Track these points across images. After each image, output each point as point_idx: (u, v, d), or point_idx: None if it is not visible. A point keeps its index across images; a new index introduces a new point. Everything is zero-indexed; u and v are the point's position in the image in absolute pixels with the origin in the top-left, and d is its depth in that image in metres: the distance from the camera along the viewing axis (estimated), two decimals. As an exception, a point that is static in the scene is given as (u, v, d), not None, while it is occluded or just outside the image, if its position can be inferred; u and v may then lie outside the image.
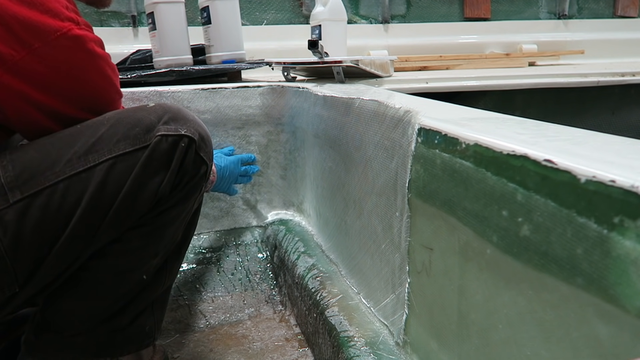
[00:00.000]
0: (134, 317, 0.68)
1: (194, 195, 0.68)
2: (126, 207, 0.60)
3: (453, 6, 2.14)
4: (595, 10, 2.32)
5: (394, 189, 0.65)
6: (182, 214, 0.68)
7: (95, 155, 0.58)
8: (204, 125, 0.68)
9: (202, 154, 0.65)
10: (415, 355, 0.62)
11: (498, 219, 0.42)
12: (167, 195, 0.63)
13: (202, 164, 0.66)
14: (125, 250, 0.64)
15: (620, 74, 1.42)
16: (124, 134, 0.60)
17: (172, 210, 0.65)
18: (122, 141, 0.60)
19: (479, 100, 1.45)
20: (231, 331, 0.97)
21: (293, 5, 1.94)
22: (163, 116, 0.63)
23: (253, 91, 1.16)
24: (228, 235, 1.19)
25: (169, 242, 0.68)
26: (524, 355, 0.41)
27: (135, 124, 0.61)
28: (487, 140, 0.45)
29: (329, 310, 0.78)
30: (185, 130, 0.63)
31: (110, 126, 0.60)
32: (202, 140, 0.65)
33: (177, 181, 0.64)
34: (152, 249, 0.66)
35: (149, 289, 0.69)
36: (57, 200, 0.57)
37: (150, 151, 0.60)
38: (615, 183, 0.31)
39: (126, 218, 0.61)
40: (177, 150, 0.62)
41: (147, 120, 0.62)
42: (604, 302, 0.32)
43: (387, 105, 0.68)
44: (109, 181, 0.59)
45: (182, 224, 0.70)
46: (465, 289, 0.49)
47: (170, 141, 0.61)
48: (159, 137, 0.61)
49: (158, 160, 0.61)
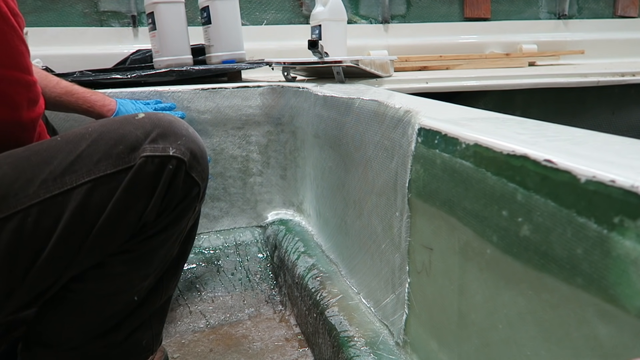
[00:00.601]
0: (129, 333, 0.66)
1: (185, 217, 0.63)
2: (106, 234, 0.56)
3: (453, 6, 2.14)
4: (595, 10, 2.32)
5: (394, 189, 0.65)
6: (173, 237, 0.64)
7: (73, 176, 0.54)
8: (199, 140, 0.63)
9: (195, 174, 0.61)
10: (415, 355, 0.62)
11: (498, 219, 0.42)
12: (153, 221, 0.59)
13: (193, 185, 0.61)
14: (109, 275, 0.60)
15: (620, 74, 1.42)
16: (106, 153, 0.55)
17: (160, 235, 0.61)
18: (103, 161, 0.55)
19: (479, 100, 1.45)
20: (231, 331, 0.97)
21: (293, 5, 1.94)
22: (151, 132, 0.57)
23: (253, 91, 1.16)
24: (228, 235, 1.19)
25: (160, 264, 0.65)
26: (524, 355, 0.41)
27: (118, 140, 0.56)
28: (487, 140, 0.45)
29: (329, 310, 0.78)
30: (174, 150, 0.57)
31: (92, 142, 0.55)
32: (195, 158, 0.60)
33: (164, 206, 0.59)
34: (140, 273, 0.62)
35: (145, 306, 0.66)
36: (30, 224, 0.52)
37: (133, 174, 0.55)
38: (615, 183, 0.31)
39: (107, 245, 0.57)
40: (164, 173, 0.57)
41: (132, 137, 0.56)
42: (604, 302, 0.32)
43: (387, 105, 0.68)
44: (88, 206, 0.54)
45: (175, 244, 0.66)
46: (465, 289, 0.49)
47: (157, 163, 0.56)
48: (144, 158, 0.56)
49: (142, 184, 0.56)
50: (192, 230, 0.70)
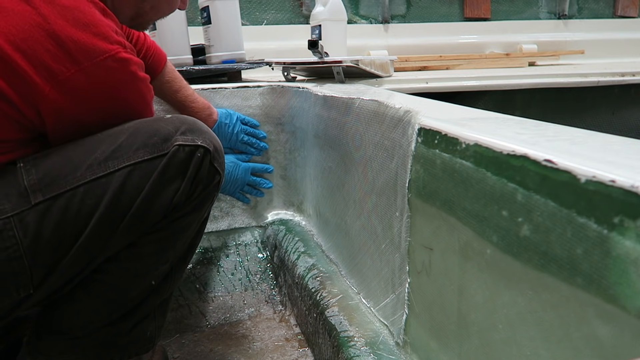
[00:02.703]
0: (136, 322, 0.69)
1: (206, 203, 0.70)
2: (143, 213, 0.62)
3: (453, 6, 2.14)
4: (595, 10, 2.32)
5: (394, 189, 0.65)
6: (195, 222, 0.70)
7: (115, 161, 0.61)
8: (217, 138, 0.70)
9: (216, 164, 0.68)
10: (415, 355, 0.62)
11: (498, 219, 0.42)
12: (183, 203, 0.65)
13: (215, 173, 0.68)
14: (140, 254, 0.66)
15: (620, 74, 1.42)
16: (143, 143, 0.62)
17: (186, 217, 0.67)
18: (141, 149, 0.62)
19: (479, 100, 1.45)
20: (231, 331, 0.97)
21: (293, 5, 1.94)
22: (180, 127, 0.65)
23: (253, 91, 1.16)
24: (228, 235, 1.19)
25: (179, 249, 0.70)
26: (524, 355, 0.41)
27: (153, 133, 0.63)
28: (487, 140, 0.45)
29: (329, 310, 0.78)
30: (201, 141, 0.65)
31: (130, 135, 0.62)
32: (217, 151, 0.68)
33: (192, 190, 0.66)
34: (164, 255, 0.68)
35: (155, 294, 0.70)
36: (76, 203, 0.59)
37: (167, 159, 0.62)
38: (615, 183, 0.31)
39: (142, 223, 0.63)
40: (193, 159, 0.64)
41: (164, 130, 0.64)
42: (604, 302, 0.32)
43: (387, 105, 0.68)
44: (127, 187, 0.61)
45: (194, 231, 0.72)
46: (465, 289, 0.49)
47: (187, 151, 0.64)
48: (177, 146, 0.63)
49: (175, 168, 0.63)
50: (204, 224, 0.75)
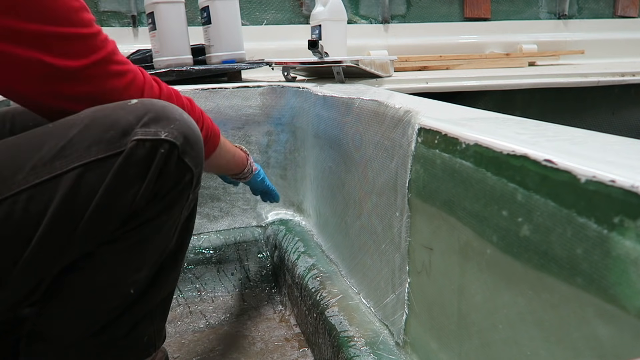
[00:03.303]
0: (130, 328, 0.65)
1: (178, 204, 0.61)
2: (97, 220, 0.55)
3: (453, 6, 2.14)
4: (595, 10, 2.32)
5: (394, 189, 0.65)
6: (166, 226, 0.62)
7: (63, 161, 0.53)
8: (193, 125, 0.61)
9: (188, 159, 0.59)
10: (415, 355, 0.62)
11: (498, 219, 0.42)
12: (144, 206, 0.57)
13: (186, 170, 0.59)
14: (101, 266, 0.59)
15: (620, 74, 1.42)
16: (97, 138, 0.54)
17: (151, 222, 0.59)
18: (94, 146, 0.53)
19: (479, 100, 1.45)
20: (231, 331, 0.97)
21: (293, 5, 1.94)
22: (143, 116, 0.56)
23: (253, 91, 1.16)
24: (228, 235, 1.19)
25: (155, 254, 0.63)
26: (524, 355, 0.41)
27: (110, 125, 0.55)
28: (487, 140, 0.45)
29: (329, 310, 0.78)
30: (166, 133, 0.56)
31: (84, 127, 0.54)
32: (188, 143, 0.58)
33: (156, 192, 0.58)
34: (134, 263, 0.61)
35: (144, 300, 0.65)
36: (18, 211, 0.51)
37: (124, 158, 0.54)
38: (615, 183, 0.31)
39: (98, 232, 0.56)
40: (155, 157, 0.55)
41: (124, 122, 0.55)
42: (604, 302, 0.32)
43: (387, 105, 0.68)
44: (78, 192, 0.53)
45: (170, 234, 0.64)
46: (465, 289, 0.49)
47: (148, 147, 0.55)
48: (135, 142, 0.54)
49: (133, 168, 0.55)
50: (189, 222, 0.69)
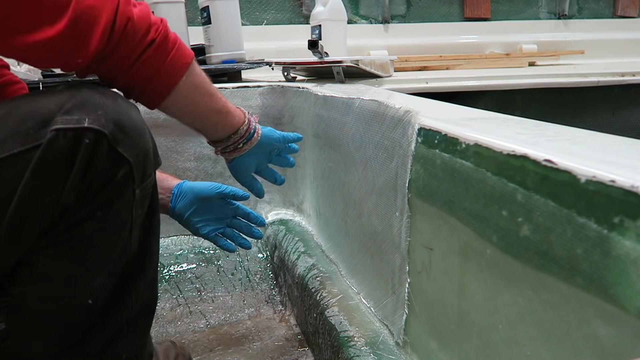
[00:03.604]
0: (105, 344, 0.60)
1: (119, 201, 0.54)
2: (20, 223, 0.49)
3: (453, 6, 2.14)
4: (595, 10, 2.32)
5: (394, 189, 0.65)
6: (111, 226, 0.55)
7: None
8: (131, 110, 0.53)
9: (122, 148, 0.51)
10: (415, 355, 0.62)
11: (498, 219, 0.42)
12: (74, 205, 0.51)
13: (122, 162, 0.51)
14: (42, 275, 0.53)
15: (620, 74, 1.42)
16: (13, 130, 0.48)
17: (88, 222, 0.52)
18: (10, 139, 0.47)
19: (479, 100, 1.45)
20: (231, 331, 0.97)
21: (293, 5, 1.94)
22: (66, 103, 0.49)
23: (253, 91, 1.16)
24: (228, 235, 1.19)
25: (107, 259, 0.56)
26: (524, 355, 0.41)
27: (28, 115, 0.48)
28: (487, 140, 0.45)
29: (329, 310, 0.78)
30: (90, 121, 0.48)
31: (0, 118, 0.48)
32: (122, 130, 0.51)
33: (86, 187, 0.50)
34: (81, 270, 0.55)
35: (115, 312, 0.59)
36: None
37: (43, 152, 0.47)
38: (615, 183, 0.31)
39: (23, 237, 0.50)
40: (80, 148, 0.48)
41: (43, 110, 0.48)
42: (604, 302, 0.32)
43: (387, 105, 0.68)
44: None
45: (121, 235, 0.56)
46: (465, 289, 0.49)
47: (70, 137, 0.48)
48: (54, 132, 0.47)
49: (54, 162, 0.48)
50: (151, 220, 0.61)
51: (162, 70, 0.55)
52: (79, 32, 0.48)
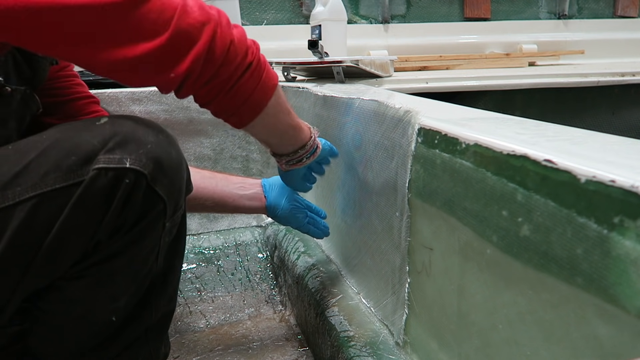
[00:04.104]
0: (122, 349, 0.61)
1: (150, 236, 0.55)
2: (54, 255, 0.50)
3: (453, 6, 2.14)
4: (595, 10, 2.32)
5: (394, 189, 0.65)
6: (138, 258, 0.56)
7: (17, 190, 0.48)
8: (170, 147, 0.54)
9: (159, 187, 0.52)
10: (415, 355, 0.62)
11: (498, 219, 0.42)
12: (106, 240, 0.52)
13: (157, 200, 0.53)
14: (70, 300, 0.56)
15: (620, 74, 1.42)
16: (56, 164, 0.48)
17: (118, 257, 0.54)
18: (52, 173, 0.48)
19: (479, 100, 1.45)
20: (231, 331, 0.97)
21: (293, 5, 1.94)
22: (109, 140, 0.50)
23: (253, 91, 1.16)
24: (228, 235, 1.19)
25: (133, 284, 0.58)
26: (524, 355, 0.41)
27: (72, 150, 0.49)
28: (487, 140, 0.45)
29: (329, 310, 0.78)
30: (132, 161, 0.50)
31: (43, 151, 0.49)
32: (161, 170, 0.52)
33: (120, 224, 0.52)
34: (107, 295, 0.57)
35: (133, 324, 0.61)
36: None
37: (84, 189, 0.49)
38: (615, 183, 0.31)
39: (56, 266, 0.52)
40: (119, 187, 0.50)
41: (87, 147, 0.49)
42: (604, 302, 0.32)
43: (387, 105, 0.68)
44: (32, 224, 0.48)
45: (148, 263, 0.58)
46: (465, 289, 0.49)
47: (111, 176, 0.49)
48: (96, 171, 0.49)
49: (94, 200, 0.49)
50: (177, 243, 0.63)
51: (255, 93, 0.56)
52: (177, 48, 0.48)
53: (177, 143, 0.56)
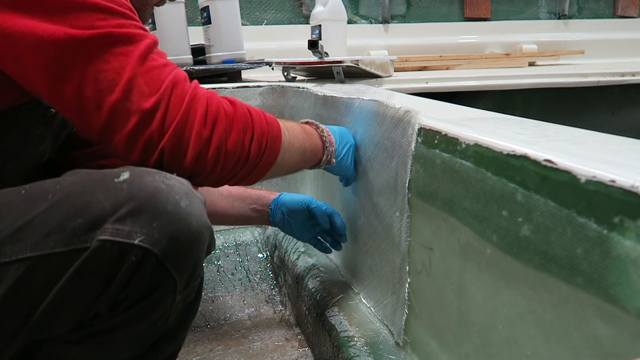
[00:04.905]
0: None
1: (155, 311, 0.50)
2: (47, 321, 0.46)
3: (453, 6, 2.14)
4: (595, 10, 2.32)
5: (394, 189, 0.65)
6: (141, 327, 0.51)
7: (15, 247, 0.44)
8: (191, 217, 0.48)
9: (171, 264, 0.47)
10: (415, 355, 0.62)
11: (498, 219, 0.42)
12: (106, 313, 0.48)
13: (167, 278, 0.48)
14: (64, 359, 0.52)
15: (620, 74, 1.42)
16: (60, 224, 0.45)
17: (118, 330, 0.50)
18: (54, 235, 0.44)
19: (479, 100, 1.45)
20: (231, 331, 0.97)
21: (293, 5, 1.94)
22: (122, 206, 0.45)
23: (253, 91, 1.16)
24: (228, 235, 1.19)
25: (136, 346, 0.54)
26: (524, 355, 0.41)
27: (80, 210, 0.45)
28: (487, 140, 0.45)
29: (329, 310, 0.78)
30: (142, 237, 0.45)
31: (51, 205, 0.45)
32: (175, 245, 0.47)
33: (122, 299, 0.48)
34: (107, 356, 0.53)
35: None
36: None
37: (85, 259, 0.45)
38: (615, 183, 0.31)
39: (49, 332, 0.48)
40: (124, 264, 0.45)
41: (97, 209, 0.45)
42: (604, 302, 0.32)
43: (387, 105, 0.68)
44: (26, 286, 0.45)
45: (154, 329, 0.53)
46: (465, 289, 0.49)
47: (116, 251, 0.45)
48: (101, 242, 0.44)
49: (94, 272, 0.45)
50: (193, 304, 0.58)
51: (259, 166, 0.58)
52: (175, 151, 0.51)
53: (201, 208, 0.51)
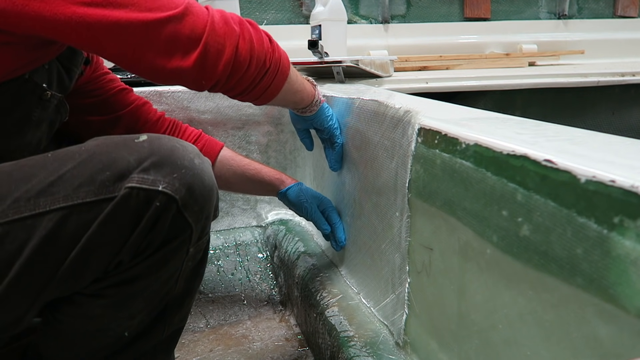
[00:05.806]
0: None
1: (172, 260, 0.55)
2: (75, 269, 0.50)
3: (453, 6, 2.14)
4: (595, 10, 2.32)
5: (394, 189, 0.65)
6: (159, 281, 0.56)
7: (49, 199, 0.48)
8: (204, 174, 0.54)
9: (189, 214, 0.53)
10: (415, 355, 0.62)
11: (498, 219, 0.42)
12: (128, 260, 0.52)
13: (185, 227, 0.53)
14: (87, 316, 0.56)
15: (620, 74, 1.42)
16: (90, 177, 0.49)
17: (139, 279, 0.54)
18: (85, 186, 0.49)
19: (479, 100, 1.45)
20: (231, 331, 0.97)
21: (293, 5, 1.94)
22: (145, 159, 0.50)
23: (253, 91, 1.16)
24: (228, 235, 1.19)
25: (151, 305, 0.58)
26: (524, 355, 0.41)
27: (107, 165, 0.50)
28: (487, 140, 0.45)
29: (329, 310, 0.78)
30: (165, 184, 0.50)
31: (79, 162, 0.50)
32: (192, 196, 0.52)
33: (145, 246, 0.52)
34: (123, 314, 0.57)
35: (144, 339, 0.61)
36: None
37: (114, 206, 0.49)
38: (615, 183, 0.31)
39: (75, 280, 0.52)
40: (149, 209, 0.50)
41: (122, 163, 0.50)
42: (604, 302, 0.32)
43: (387, 105, 0.68)
44: (58, 235, 0.48)
45: (167, 286, 0.58)
46: (465, 289, 0.49)
47: (142, 197, 0.49)
48: (128, 189, 0.49)
49: (122, 218, 0.50)
50: (199, 267, 0.63)
51: (272, 86, 0.65)
52: (206, 65, 0.55)
53: (210, 169, 0.57)
